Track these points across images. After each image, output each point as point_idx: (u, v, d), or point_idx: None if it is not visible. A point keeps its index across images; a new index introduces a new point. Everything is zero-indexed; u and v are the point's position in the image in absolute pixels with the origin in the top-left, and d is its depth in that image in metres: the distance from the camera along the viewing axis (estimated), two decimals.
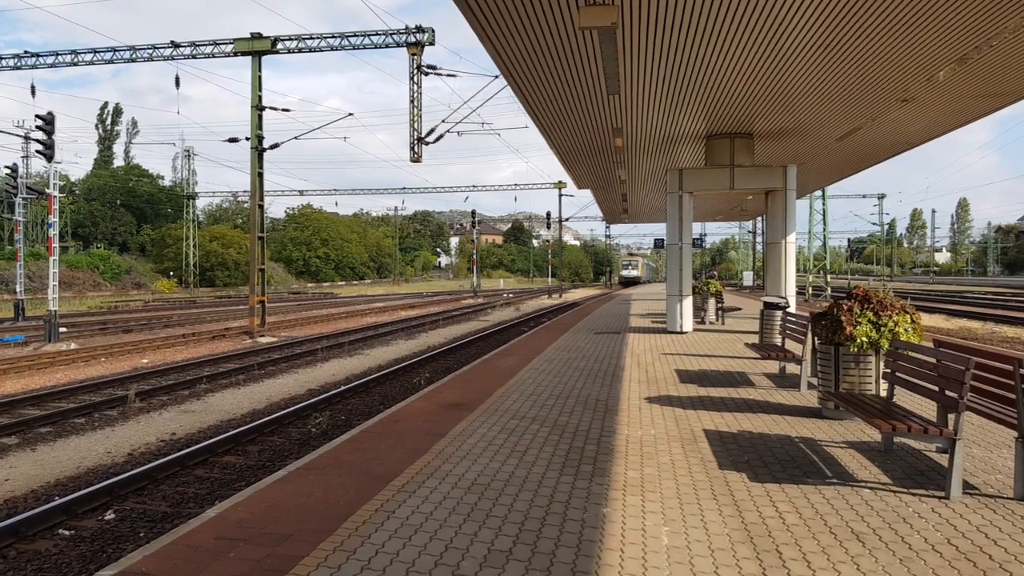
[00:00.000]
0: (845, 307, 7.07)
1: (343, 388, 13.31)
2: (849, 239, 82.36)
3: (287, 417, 10.91)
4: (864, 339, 6.87)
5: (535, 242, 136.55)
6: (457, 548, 4.07)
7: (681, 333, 17.13)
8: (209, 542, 4.20)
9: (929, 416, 5.98)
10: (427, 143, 23.43)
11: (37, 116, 20.84)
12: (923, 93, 12.49)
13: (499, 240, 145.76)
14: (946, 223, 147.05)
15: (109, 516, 6.87)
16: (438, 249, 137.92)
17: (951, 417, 5.25)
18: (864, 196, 68.04)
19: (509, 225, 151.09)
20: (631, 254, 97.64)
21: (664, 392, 9.10)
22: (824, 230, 52.79)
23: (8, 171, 30.40)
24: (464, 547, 4.08)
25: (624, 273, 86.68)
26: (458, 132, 26.66)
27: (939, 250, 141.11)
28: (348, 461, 5.91)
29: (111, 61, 27.38)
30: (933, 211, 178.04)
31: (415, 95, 23.73)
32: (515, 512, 4.65)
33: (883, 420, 5.16)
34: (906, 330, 6.78)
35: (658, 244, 60.87)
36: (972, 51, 10.14)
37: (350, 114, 27.46)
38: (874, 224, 73.95)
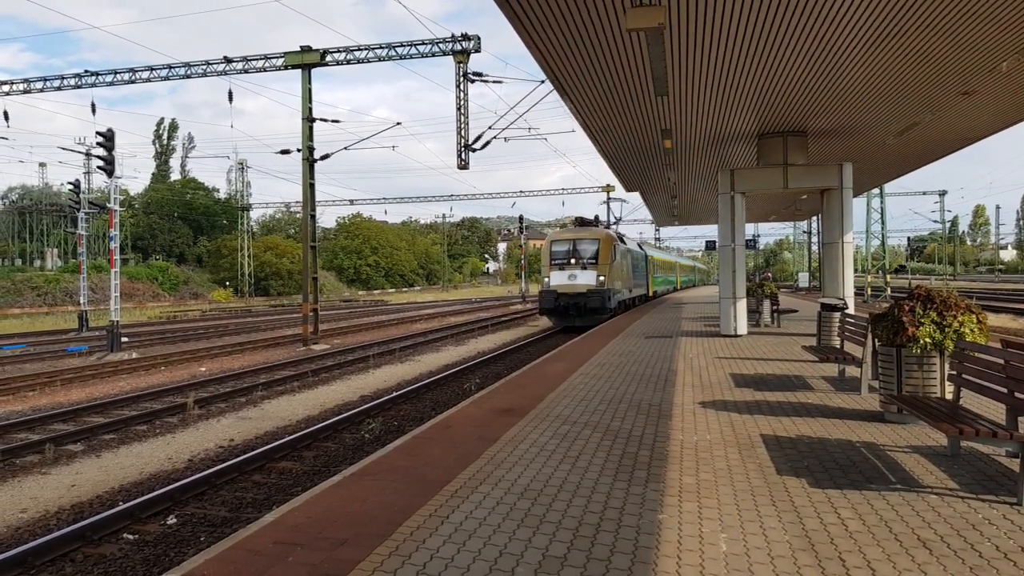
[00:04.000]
0: (906, 307, 6.86)
1: (395, 394, 13.43)
2: (909, 237, 79.95)
3: (341, 423, 11.05)
4: (928, 340, 6.66)
5: None
6: (512, 553, 4.05)
7: (735, 336, 16.84)
8: (268, 546, 4.26)
9: (998, 419, 5.74)
10: (474, 150, 23.52)
11: (98, 133, 21.57)
12: (985, 85, 12.08)
13: None
14: (1011, 219, 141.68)
15: (171, 520, 7.04)
16: (486, 255, 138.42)
17: (1021, 420, 5.04)
18: (924, 193, 66.46)
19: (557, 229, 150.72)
20: (580, 222, 30.56)
21: (719, 396, 8.95)
22: (882, 228, 51.38)
23: (71, 187, 31.57)
24: (519, 552, 4.06)
25: (552, 281, 25.95)
26: (505, 138, 26.63)
27: (1004, 247, 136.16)
28: (402, 466, 5.94)
29: (167, 78, 28.13)
30: (997, 207, 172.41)
31: (462, 103, 23.88)
32: (569, 518, 4.61)
33: (949, 424, 4.99)
34: (972, 330, 6.56)
35: (710, 246, 57.82)
36: None
37: (398, 123, 28.00)
38: (935, 221, 71.91)
